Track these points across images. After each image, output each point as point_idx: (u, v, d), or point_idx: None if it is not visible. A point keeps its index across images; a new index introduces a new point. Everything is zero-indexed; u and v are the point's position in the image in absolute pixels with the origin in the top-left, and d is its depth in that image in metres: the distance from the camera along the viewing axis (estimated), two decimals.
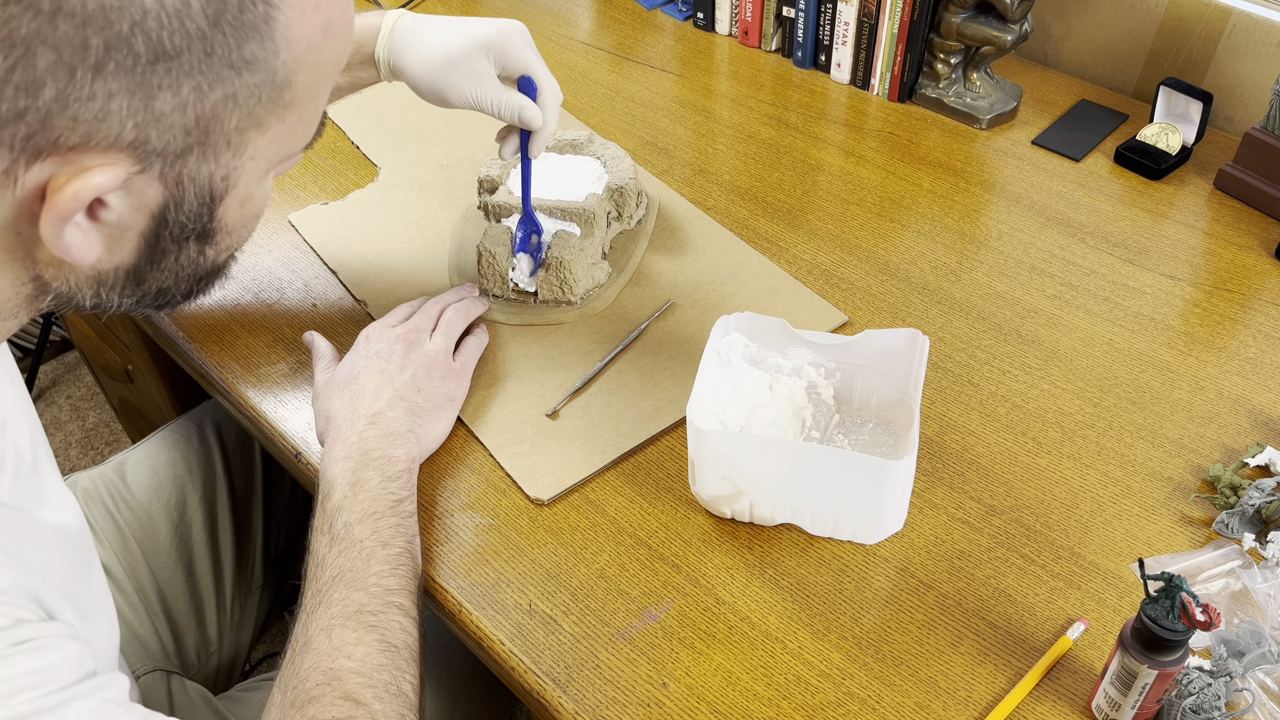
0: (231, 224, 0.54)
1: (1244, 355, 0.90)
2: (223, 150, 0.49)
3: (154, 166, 0.47)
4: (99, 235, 0.49)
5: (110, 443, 1.92)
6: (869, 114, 1.21)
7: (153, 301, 0.55)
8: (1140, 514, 0.78)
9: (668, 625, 0.72)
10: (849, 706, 0.68)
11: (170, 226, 0.50)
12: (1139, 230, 1.03)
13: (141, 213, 0.49)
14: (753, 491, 0.75)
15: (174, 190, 0.49)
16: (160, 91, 0.45)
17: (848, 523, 0.76)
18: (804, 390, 0.82)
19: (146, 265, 0.52)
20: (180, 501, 1.01)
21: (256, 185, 0.54)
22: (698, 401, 0.75)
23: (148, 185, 0.48)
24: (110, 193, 0.47)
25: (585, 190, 0.98)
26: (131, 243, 0.50)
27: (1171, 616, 0.59)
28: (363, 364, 0.82)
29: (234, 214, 0.53)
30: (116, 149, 0.45)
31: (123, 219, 0.49)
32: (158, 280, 0.54)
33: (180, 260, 0.53)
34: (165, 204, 0.49)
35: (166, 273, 0.53)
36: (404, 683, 0.66)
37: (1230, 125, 1.15)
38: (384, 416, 0.78)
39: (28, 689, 0.47)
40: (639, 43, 1.34)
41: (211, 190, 0.51)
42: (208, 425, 1.07)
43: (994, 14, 1.14)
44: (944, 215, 1.06)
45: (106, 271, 0.51)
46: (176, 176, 0.49)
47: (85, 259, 0.49)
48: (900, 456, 0.73)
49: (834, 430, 0.83)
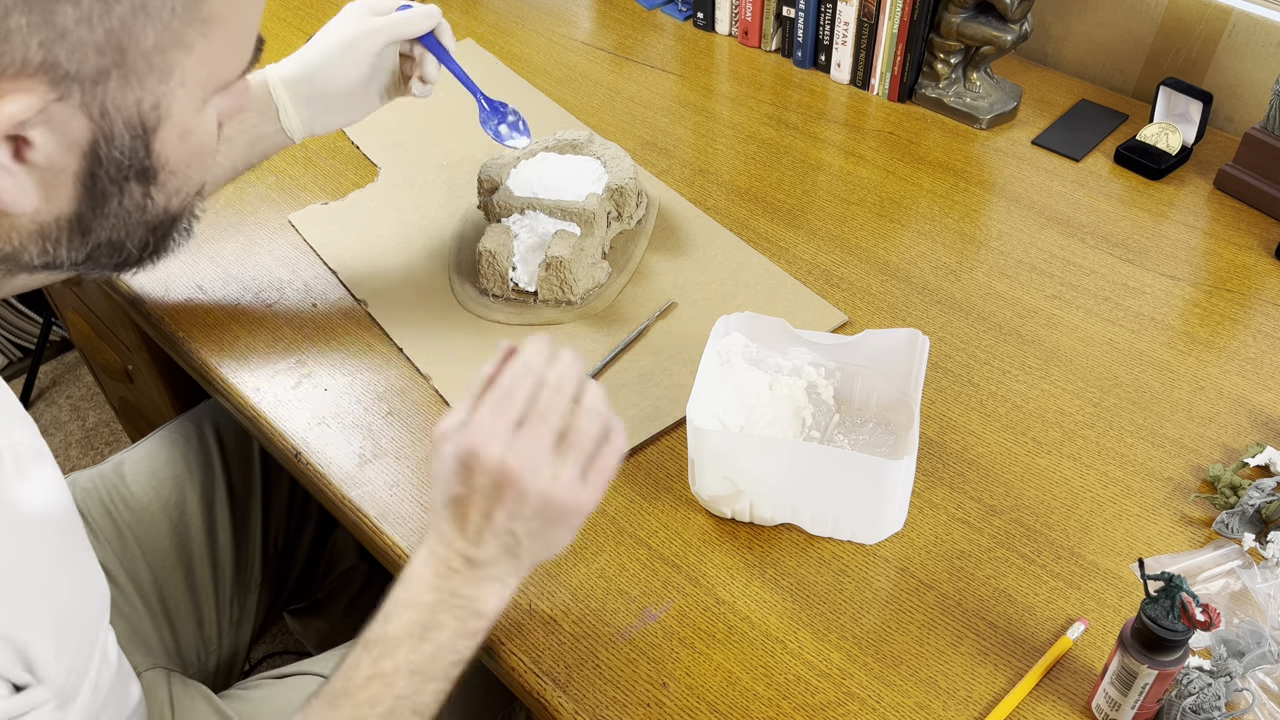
0: (174, 161, 0.52)
1: (1244, 355, 0.90)
2: (145, 74, 0.47)
3: (73, 94, 0.45)
4: (30, 179, 0.47)
5: (110, 443, 1.92)
6: (869, 114, 1.21)
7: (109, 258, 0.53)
8: (1140, 514, 0.78)
9: (668, 625, 0.72)
10: (849, 706, 0.68)
11: (105, 165, 0.48)
12: (1139, 230, 1.03)
13: (71, 151, 0.47)
14: (753, 491, 0.75)
15: (100, 122, 0.47)
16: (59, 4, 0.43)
17: (848, 522, 0.76)
18: (804, 390, 0.82)
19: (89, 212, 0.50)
20: (179, 501, 1.01)
21: (194, 116, 0.51)
22: (698, 401, 0.75)
23: (71, 118, 0.46)
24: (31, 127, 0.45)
25: (585, 190, 0.98)
26: (67, 186, 0.48)
27: (1171, 616, 0.59)
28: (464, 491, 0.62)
29: (174, 149, 0.51)
30: (26, 74, 0.43)
31: (52, 159, 0.47)
32: (106, 230, 0.51)
33: (125, 204, 0.51)
34: (94, 139, 0.47)
35: (113, 220, 0.51)
36: None
37: (1230, 125, 1.15)
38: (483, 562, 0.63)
39: None
40: (639, 43, 1.34)
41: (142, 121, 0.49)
42: (207, 425, 1.07)
43: (994, 14, 1.14)
44: (944, 215, 1.06)
45: (48, 223, 0.49)
46: (100, 106, 0.47)
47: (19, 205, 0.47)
48: (900, 456, 0.73)
49: (834, 430, 0.83)
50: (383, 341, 0.93)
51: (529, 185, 0.99)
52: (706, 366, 0.78)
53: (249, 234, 1.05)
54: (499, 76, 1.28)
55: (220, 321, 0.96)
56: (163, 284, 0.99)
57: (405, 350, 0.92)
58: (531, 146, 1.03)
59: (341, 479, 0.82)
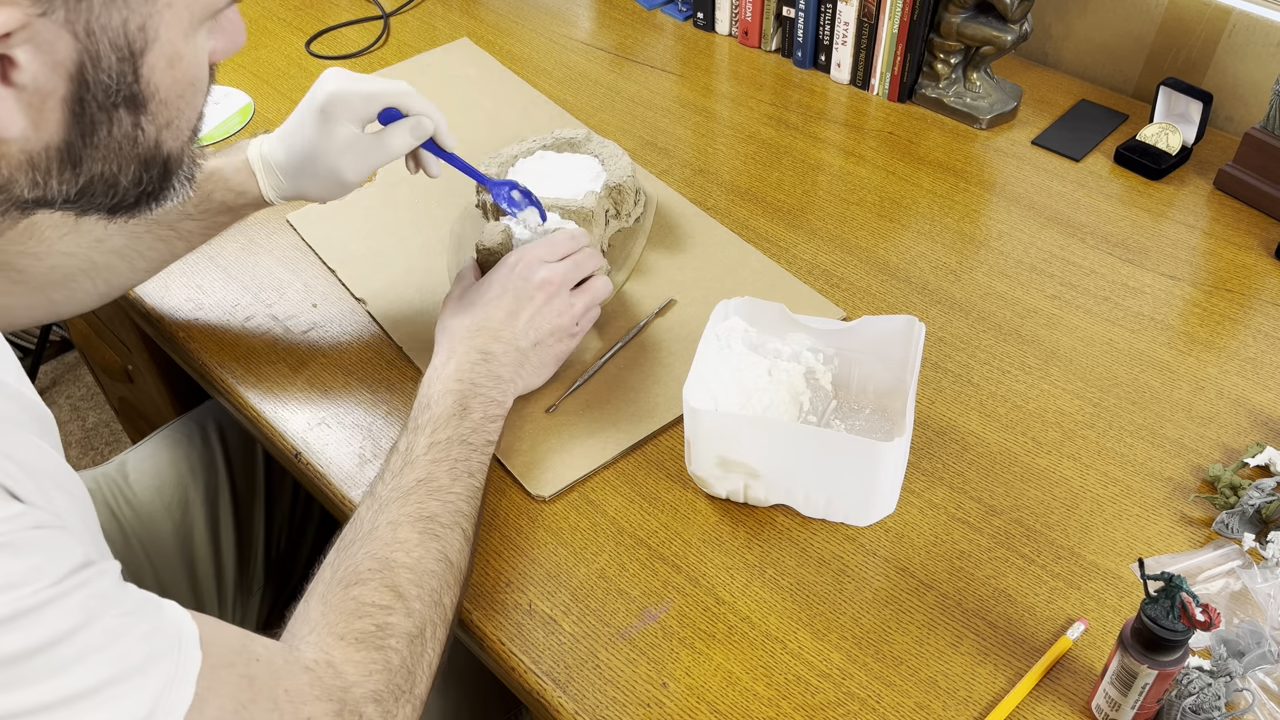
0: (164, 89, 0.51)
1: (1244, 355, 0.90)
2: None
3: (55, 9, 0.45)
4: (16, 102, 0.47)
5: (110, 443, 1.92)
6: (869, 114, 1.21)
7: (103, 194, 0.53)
8: (1140, 514, 0.78)
9: (668, 625, 0.72)
10: (849, 706, 0.68)
11: (93, 89, 0.48)
12: (1139, 230, 1.03)
13: (58, 73, 0.47)
14: (747, 472, 0.76)
15: (86, 42, 0.47)
16: None
17: (840, 504, 0.77)
18: (802, 376, 0.83)
19: (78, 140, 0.50)
20: (182, 501, 1.01)
21: (183, 41, 0.51)
22: (695, 383, 0.75)
23: (56, 37, 0.46)
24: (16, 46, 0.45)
25: (583, 188, 0.98)
26: (55, 112, 0.48)
27: (1171, 616, 0.59)
28: (498, 294, 0.83)
29: (164, 76, 0.51)
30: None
31: (38, 80, 0.47)
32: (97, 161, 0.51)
33: (115, 134, 0.51)
34: (81, 60, 0.47)
35: (104, 151, 0.51)
36: (446, 597, 0.68)
37: (1230, 125, 1.15)
38: (495, 359, 0.80)
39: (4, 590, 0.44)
40: (639, 43, 1.34)
41: (129, 42, 0.48)
42: (210, 425, 1.07)
43: (994, 14, 1.14)
44: (944, 215, 1.06)
45: (37, 152, 0.49)
46: (85, 25, 0.46)
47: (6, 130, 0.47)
48: None
49: (831, 415, 0.84)
50: (383, 340, 0.94)
51: (527, 183, 0.99)
52: (705, 350, 0.78)
53: (249, 234, 1.05)
54: (498, 76, 1.28)
55: (220, 321, 0.96)
56: (163, 284, 0.99)
57: (405, 349, 0.92)
58: (529, 145, 1.03)
59: (341, 479, 0.82)
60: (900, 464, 0.76)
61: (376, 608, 0.63)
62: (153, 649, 0.50)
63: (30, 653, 0.44)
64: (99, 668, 0.47)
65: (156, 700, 0.49)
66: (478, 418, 0.77)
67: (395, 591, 0.64)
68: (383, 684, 0.61)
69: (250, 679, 0.54)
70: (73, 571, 0.48)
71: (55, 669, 0.45)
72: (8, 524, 0.46)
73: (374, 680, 0.61)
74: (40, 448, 0.53)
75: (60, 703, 0.45)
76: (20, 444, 0.51)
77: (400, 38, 1.35)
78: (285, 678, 0.57)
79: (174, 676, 0.50)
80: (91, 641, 0.47)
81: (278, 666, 0.57)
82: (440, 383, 0.78)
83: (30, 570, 0.46)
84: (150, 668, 0.49)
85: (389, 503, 0.69)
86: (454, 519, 0.70)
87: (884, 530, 0.78)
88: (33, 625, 0.45)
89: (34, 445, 0.52)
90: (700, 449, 0.76)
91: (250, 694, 0.54)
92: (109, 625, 0.48)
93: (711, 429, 0.75)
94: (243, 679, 0.54)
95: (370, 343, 0.93)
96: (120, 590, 0.51)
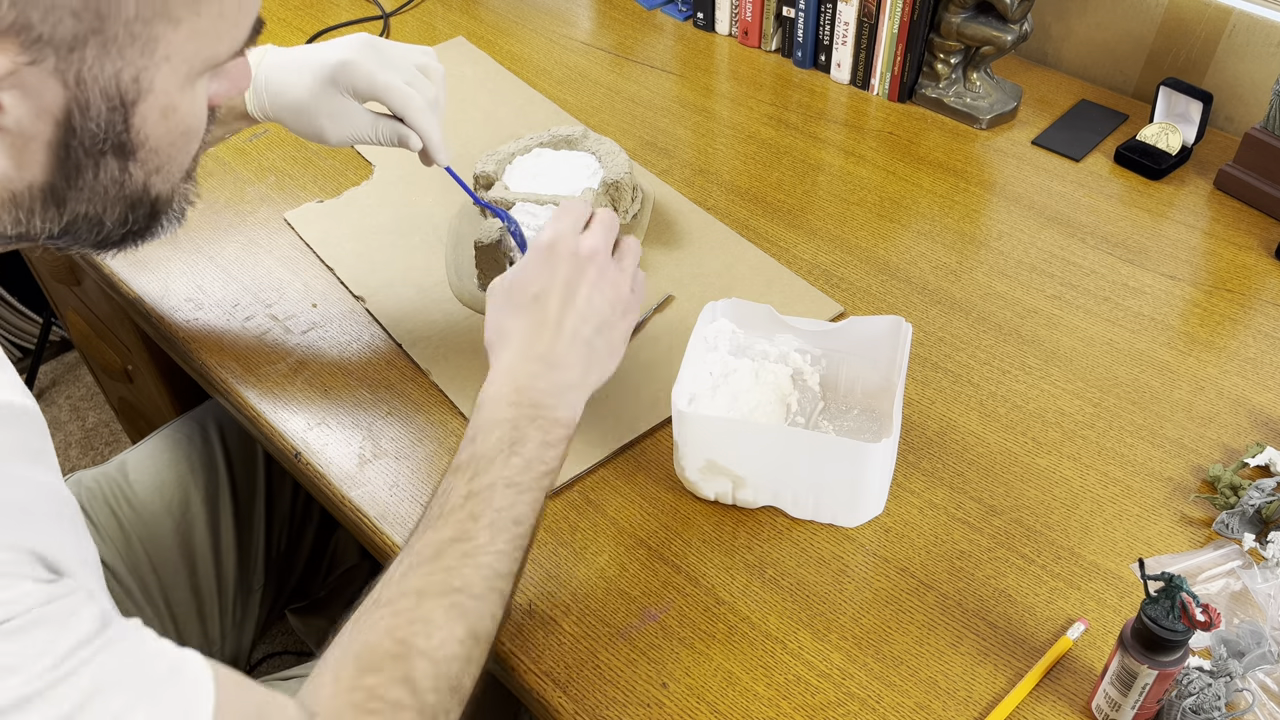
0: (156, 138, 0.50)
1: (1244, 355, 0.90)
2: (127, 45, 0.46)
3: (46, 58, 0.44)
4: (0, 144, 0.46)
5: (110, 443, 1.92)
6: (869, 114, 1.21)
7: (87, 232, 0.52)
8: (1140, 514, 0.78)
9: (668, 625, 0.72)
10: (849, 706, 0.68)
11: (79, 135, 0.47)
12: (1139, 230, 1.03)
13: (43, 118, 0.46)
14: (734, 474, 0.76)
15: (76, 91, 0.46)
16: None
17: (829, 506, 0.77)
18: (790, 377, 0.83)
19: (62, 182, 0.49)
20: (183, 501, 1.01)
21: (179, 94, 0.50)
22: (682, 385, 0.76)
23: (44, 84, 0.45)
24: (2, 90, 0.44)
25: (581, 185, 0.98)
26: (39, 154, 0.47)
27: (1171, 616, 0.59)
28: (543, 283, 0.71)
29: (156, 126, 0.50)
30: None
31: (22, 125, 0.45)
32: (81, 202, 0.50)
33: (101, 178, 0.50)
34: (69, 108, 0.46)
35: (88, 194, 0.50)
36: (466, 678, 0.62)
37: (1230, 125, 1.15)
38: (561, 362, 0.69)
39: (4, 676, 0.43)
40: (639, 43, 1.34)
41: (121, 93, 0.47)
42: (210, 425, 1.07)
43: (994, 14, 1.14)
44: (944, 215, 1.06)
45: (20, 191, 0.48)
46: (76, 74, 0.45)
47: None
48: None
49: (819, 417, 0.84)
50: (383, 340, 0.94)
51: (525, 181, 0.99)
52: (693, 352, 0.78)
53: (248, 234, 1.05)
54: (494, 75, 1.27)
55: (220, 321, 0.96)
56: (163, 284, 0.99)
57: (404, 346, 0.92)
58: (526, 143, 1.03)
59: (341, 479, 0.82)
60: (888, 465, 0.76)
61: (387, 704, 0.58)
62: None
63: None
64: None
65: None
66: (533, 447, 0.66)
67: (409, 686, 0.59)
68: None
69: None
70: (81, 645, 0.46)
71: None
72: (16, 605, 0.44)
73: None
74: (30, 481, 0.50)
75: None
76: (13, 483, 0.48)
77: (400, 37, 1.35)
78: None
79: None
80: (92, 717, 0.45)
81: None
82: (491, 407, 0.67)
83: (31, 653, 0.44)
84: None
85: (418, 564, 0.62)
86: (488, 585, 0.63)
87: (884, 530, 0.78)
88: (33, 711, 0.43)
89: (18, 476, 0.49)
90: (688, 451, 0.76)
91: None
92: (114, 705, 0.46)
93: (699, 431, 0.75)
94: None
95: (370, 342, 0.93)
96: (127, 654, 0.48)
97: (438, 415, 0.87)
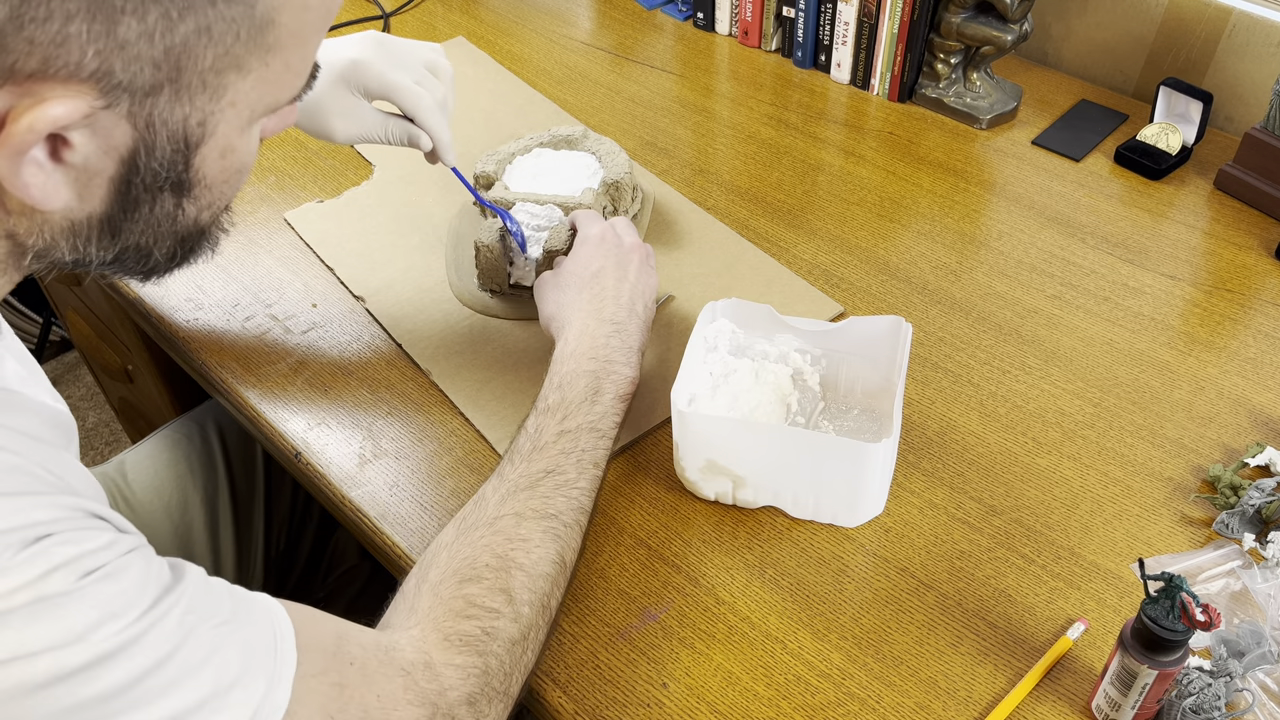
0: (211, 177, 0.52)
1: (1244, 355, 0.90)
2: (198, 92, 0.47)
3: (121, 103, 0.45)
4: (64, 179, 0.47)
5: (110, 443, 1.92)
6: (869, 114, 1.21)
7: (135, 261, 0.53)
8: (1140, 514, 0.78)
9: (668, 625, 0.72)
10: (849, 706, 0.68)
11: (142, 173, 0.48)
12: (1139, 230, 1.03)
13: (110, 156, 0.47)
14: (734, 474, 0.76)
15: (144, 133, 0.47)
16: (124, 16, 0.43)
17: (829, 506, 0.77)
18: (790, 377, 0.83)
19: (120, 214, 0.50)
20: (181, 501, 1.01)
21: (239, 136, 0.51)
22: (682, 385, 0.76)
23: (115, 125, 0.46)
24: (74, 130, 0.45)
25: (581, 185, 0.98)
26: (101, 189, 0.48)
27: (1171, 616, 0.59)
28: (600, 263, 0.82)
29: (213, 165, 0.51)
30: (78, 79, 0.43)
31: (89, 161, 0.46)
32: (135, 234, 0.51)
33: (156, 213, 0.51)
34: (135, 148, 0.47)
35: (142, 225, 0.51)
36: (554, 600, 0.67)
37: (1230, 125, 1.15)
38: (625, 328, 0.79)
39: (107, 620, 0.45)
40: (639, 43, 1.34)
41: (186, 136, 0.48)
42: (209, 425, 1.07)
43: (994, 14, 1.14)
44: (944, 215, 1.06)
45: (79, 221, 0.49)
46: (147, 117, 0.46)
47: (49, 203, 0.46)
48: None
49: (819, 417, 0.84)
50: (383, 340, 0.94)
51: (525, 181, 0.99)
52: (692, 352, 0.78)
53: (248, 233, 1.05)
54: (494, 75, 1.27)
55: (220, 321, 0.96)
56: (163, 284, 0.99)
57: (404, 346, 0.92)
58: (527, 143, 1.03)
59: (341, 479, 0.82)
60: (888, 465, 0.76)
61: (485, 611, 0.62)
62: (249, 658, 0.50)
63: (135, 680, 0.45)
64: (200, 685, 0.48)
65: (256, 710, 0.49)
66: (609, 399, 0.75)
67: (507, 595, 0.64)
68: (478, 687, 0.61)
69: (341, 686, 0.54)
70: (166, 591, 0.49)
71: (160, 691, 0.46)
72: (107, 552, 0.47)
73: (470, 684, 0.60)
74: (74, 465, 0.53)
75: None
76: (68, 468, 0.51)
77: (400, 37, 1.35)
78: (379, 681, 0.57)
79: (271, 683, 0.50)
80: (191, 658, 0.48)
81: (372, 669, 0.57)
82: (573, 361, 0.76)
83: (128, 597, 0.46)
84: (248, 678, 0.50)
85: (515, 491, 0.69)
86: (576, 517, 0.70)
87: (884, 530, 0.78)
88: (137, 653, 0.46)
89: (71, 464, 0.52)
90: (688, 451, 0.76)
91: (340, 703, 0.54)
92: (206, 639, 0.49)
93: (699, 431, 0.75)
94: (334, 687, 0.54)
95: (370, 342, 0.93)
96: (211, 597, 0.51)
97: (438, 415, 0.87)
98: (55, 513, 0.46)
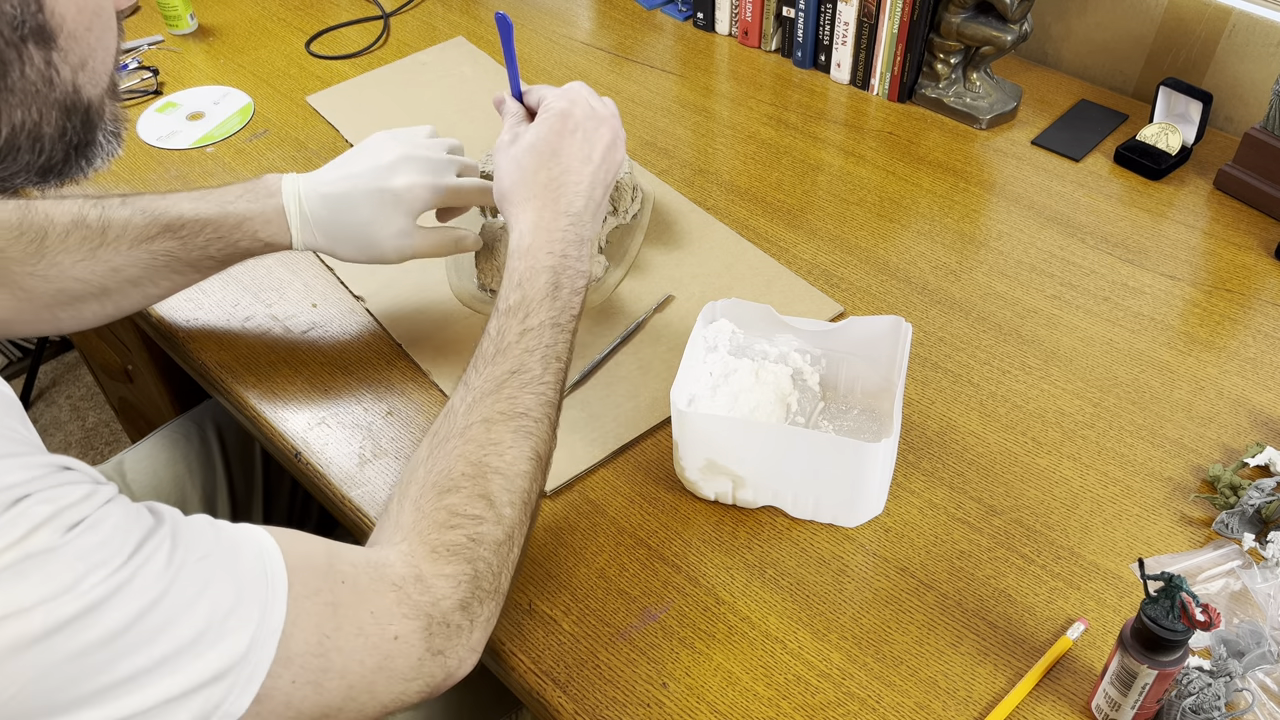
0: (71, 20, 0.50)
1: (1244, 355, 0.90)
2: None
3: None
4: None
5: (110, 443, 1.92)
6: (869, 114, 1.21)
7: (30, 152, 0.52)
8: (1140, 514, 0.78)
9: (668, 625, 0.72)
10: (849, 706, 0.68)
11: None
12: (1139, 230, 1.03)
13: None
14: (734, 474, 0.76)
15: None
16: None
17: (828, 505, 0.77)
18: (789, 377, 0.83)
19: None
20: (180, 501, 1.01)
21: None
22: (682, 385, 0.76)
23: None
24: None
25: None
26: None
27: (1171, 616, 0.59)
28: (562, 141, 0.78)
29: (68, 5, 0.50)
30: None
31: None
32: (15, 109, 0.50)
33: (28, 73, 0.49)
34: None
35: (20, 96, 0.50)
36: (534, 494, 0.68)
37: (1230, 125, 1.15)
38: (581, 220, 0.77)
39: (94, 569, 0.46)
40: (639, 43, 1.34)
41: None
42: (208, 425, 1.07)
43: (994, 14, 1.14)
44: (944, 215, 1.06)
45: None
46: None
47: None
48: None
49: (819, 417, 0.84)
50: (382, 339, 0.94)
51: None
52: (692, 352, 0.78)
53: None
54: (494, 75, 1.27)
55: (220, 321, 0.96)
56: None
57: (404, 346, 0.92)
58: None
59: (341, 479, 0.82)
60: (888, 465, 0.76)
61: (468, 518, 0.63)
62: (241, 587, 0.51)
63: (131, 622, 0.46)
64: (195, 618, 0.48)
65: (253, 635, 0.50)
66: (566, 294, 0.74)
67: (487, 500, 0.65)
68: (469, 592, 0.62)
69: (335, 605, 0.55)
70: (149, 534, 0.49)
71: (157, 629, 0.47)
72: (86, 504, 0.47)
73: (461, 590, 0.61)
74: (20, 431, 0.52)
75: (165, 659, 0.47)
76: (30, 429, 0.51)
77: (400, 37, 1.35)
78: (371, 598, 0.57)
79: (265, 608, 0.51)
80: (183, 594, 0.48)
81: (363, 586, 0.57)
82: (530, 257, 0.74)
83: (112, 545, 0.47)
84: (242, 607, 0.50)
85: (483, 396, 0.69)
86: (545, 411, 0.70)
87: (884, 530, 0.78)
88: (129, 596, 0.46)
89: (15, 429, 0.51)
90: (688, 451, 0.76)
91: (335, 622, 0.54)
92: (195, 574, 0.49)
93: (699, 431, 0.75)
94: (327, 606, 0.54)
95: (370, 342, 0.93)
96: (194, 533, 0.51)
97: (438, 415, 0.87)
98: (29, 473, 0.46)
